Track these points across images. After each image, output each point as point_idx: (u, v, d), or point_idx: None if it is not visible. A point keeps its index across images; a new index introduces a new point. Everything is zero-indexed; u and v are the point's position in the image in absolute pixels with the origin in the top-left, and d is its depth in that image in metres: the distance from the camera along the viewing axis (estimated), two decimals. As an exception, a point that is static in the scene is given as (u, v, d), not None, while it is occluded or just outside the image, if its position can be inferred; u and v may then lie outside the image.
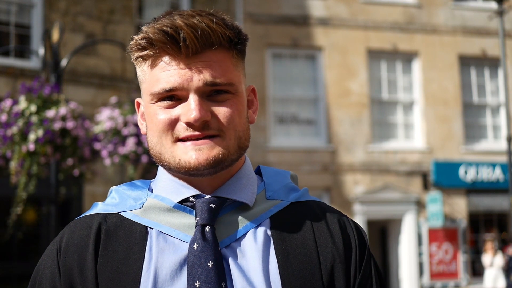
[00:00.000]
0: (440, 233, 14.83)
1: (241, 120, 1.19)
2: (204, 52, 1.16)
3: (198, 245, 1.15)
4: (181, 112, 1.16)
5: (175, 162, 1.17)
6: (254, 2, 14.47)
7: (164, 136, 1.17)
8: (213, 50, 1.16)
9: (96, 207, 1.27)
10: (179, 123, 1.16)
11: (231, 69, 1.19)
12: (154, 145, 1.20)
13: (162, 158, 1.19)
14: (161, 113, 1.17)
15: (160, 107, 1.17)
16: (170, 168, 1.19)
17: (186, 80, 1.15)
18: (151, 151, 1.22)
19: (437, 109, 15.28)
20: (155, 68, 1.18)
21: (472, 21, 15.90)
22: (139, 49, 1.19)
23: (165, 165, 1.20)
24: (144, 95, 1.23)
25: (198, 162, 1.15)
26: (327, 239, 1.22)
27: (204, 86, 1.15)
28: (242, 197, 1.22)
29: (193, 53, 1.15)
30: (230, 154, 1.18)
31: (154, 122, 1.18)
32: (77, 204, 11.39)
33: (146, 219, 1.21)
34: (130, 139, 7.33)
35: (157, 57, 1.17)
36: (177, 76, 1.15)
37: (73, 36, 11.70)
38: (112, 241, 1.19)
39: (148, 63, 1.19)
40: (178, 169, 1.17)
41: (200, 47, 1.14)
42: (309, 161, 14.30)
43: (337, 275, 1.19)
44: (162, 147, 1.18)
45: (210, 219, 1.17)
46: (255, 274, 1.15)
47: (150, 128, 1.21)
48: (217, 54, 1.17)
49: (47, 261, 1.22)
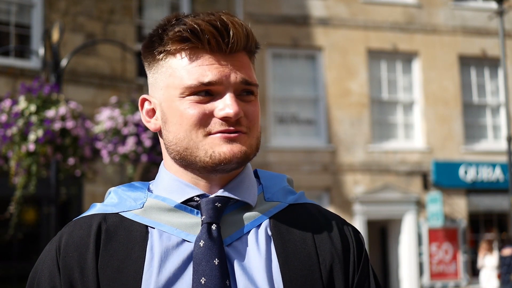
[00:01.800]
0: (440, 233, 14.83)
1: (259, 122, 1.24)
2: (239, 52, 1.20)
3: (204, 243, 1.16)
4: (217, 106, 1.17)
5: (206, 156, 1.17)
6: (254, 2, 14.48)
7: (195, 130, 1.17)
8: (242, 52, 1.22)
9: (94, 207, 1.27)
10: (212, 118, 1.17)
11: (253, 72, 1.24)
12: (180, 140, 1.19)
13: (188, 153, 1.19)
14: (193, 107, 1.17)
15: (191, 101, 1.18)
16: (195, 163, 1.19)
17: (225, 76, 1.17)
18: (173, 147, 1.21)
19: (437, 109, 15.28)
20: (191, 62, 1.18)
21: (472, 21, 15.90)
22: (179, 41, 1.18)
23: (188, 160, 1.20)
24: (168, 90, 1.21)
25: (233, 153, 1.17)
26: (326, 239, 1.23)
27: (240, 84, 1.19)
28: (245, 197, 1.23)
29: (231, 51, 1.18)
30: (253, 151, 1.21)
31: (184, 116, 1.18)
32: (77, 204, 11.40)
33: (147, 218, 1.21)
34: (130, 138, 7.33)
35: (196, 51, 1.18)
36: (216, 71, 1.17)
37: (73, 36, 11.71)
38: (112, 241, 1.19)
39: (181, 56, 1.19)
40: (207, 163, 1.18)
41: (241, 46, 1.19)
42: (309, 161, 14.30)
43: (336, 274, 1.21)
44: (191, 141, 1.18)
45: (216, 217, 1.19)
46: (257, 272, 1.16)
47: (175, 123, 1.20)
48: (246, 57, 1.23)
49: (46, 261, 1.21)
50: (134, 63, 12.06)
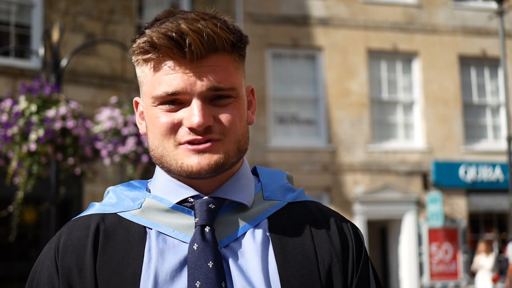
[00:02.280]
0: (440, 233, 14.82)
1: (241, 124, 1.20)
2: (207, 56, 1.15)
3: (198, 246, 1.15)
4: (184, 116, 1.15)
5: (177, 166, 1.17)
6: (254, 2, 14.47)
7: (166, 140, 1.17)
8: (216, 54, 1.16)
9: (93, 207, 1.27)
10: (181, 127, 1.16)
11: (233, 73, 1.19)
12: (156, 147, 1.19)
13: (163, 161, 1.19)
14: (163, 116, 1.17)
15: (162, 110, 1.17)
16: (171, 170, 1.19)
17: (190, 84, 1.14)
18: (152, 153, 1.22)
19: (437, 109, 15.28)
20: (157, 71, 1.17)
21: (472, 21, 15.90)
22: (142, 53, 1.18)
23: (165, 167, 1.20)
24: (144, 97, 1.22)
25: (200, 167, 1.15)
26: (325, 238, 1.22)
27: (207, 91, 1.15)
28: (240, 197, 1.22)
29: (197, 58, 1.14)
30: (230, 157, 1.18)
31: (156, 125, 1.18)
32: (77, 204, 11.39)
33: (144, 219, 1.21)
34: (130, 139, 7.33)
35: (160, 60, 1.16)
36: (181, 80, 1.14)
37: (73, 36, 11.71)
38: (110, 242, 1.19)
39: (150, 65, 1.18)
40: (179, 173, 1.18)
41: (205, 52, 1.14)
42: (309, 161, 14.30)
43: (335, 274, 1.20)
44: (164, 150, 1.18)
45: (209, 219, 1.18)
46: (254, 274, 1.15)
47: (151, 130, 1.20)
48: (220, 59, 1.17)
49: (45, 262, 1.21)
50: (134, 63, 12.05)
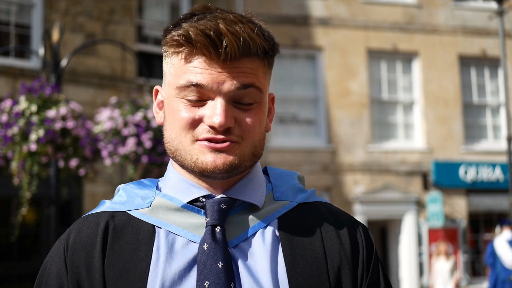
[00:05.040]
0: (440, 233, 14.83)
1: (260, 130, 1.20)
2: (240, 59, 1.16)
3: (208, 246, 1.15)
4: (206, 114, 1.15)
5: (191, 161, 1.17)
6: (254, 2, 14.48)
7: (184, 134, 1.17)
8: (248, 58, 1.17)
9: (103, 204, 1.27)
10: (201, 124, 1.16)
11: (262, 78, 1.19)
12: (172, 140, 1.19)
13: (178, 154, 1.19)
14: (185, 110, 1.17)
15: (185, 103, 1.17)
16: (184, 165, 1.19)
17: (217, 83, 1.14)
18: (167, 145, 1.22)
19: (437, 109, 15.29)
20: (187, 64, 1.17)
21: (472, 21, 15.90)
22: (175, 45, 1.18)
23: (179, 161, 1.20)
24: (168, 88, 1.22)
25: (215, 165, 1.15)
26: (335, 240, 1.22)
27: (235, 91, 1.15)
28: (252, 198, 1.22)
29: (230, 59, 1.14)
30: (245, 161, 1.18)
31: (176, 117, 1.18)
32: (78, 204, 11.39)
33: (154, 218, 1.21)
34: (130, 139, 7.33)
35: (193, 54, 1.16)
36: (208, 76, 1.14)
37: (73, 36, 11.71)
38: (119, 240, 1.19)
39: (180, 57, 1.18)
40: (193, 168, 1.17)
41: (239, 55, 1.14)
42: (309, 161, 14.30)
43: (344, 276, 1.19)
44: (180, 144, 1.18)
45: (220, 219, 1.18)
46: (263, 274, 1.15)
47: (170, 122, 1.20)
48: (251, 63, 1.17)
49: (54, 259, 1.22)
50: (134, 63, 12.06)
